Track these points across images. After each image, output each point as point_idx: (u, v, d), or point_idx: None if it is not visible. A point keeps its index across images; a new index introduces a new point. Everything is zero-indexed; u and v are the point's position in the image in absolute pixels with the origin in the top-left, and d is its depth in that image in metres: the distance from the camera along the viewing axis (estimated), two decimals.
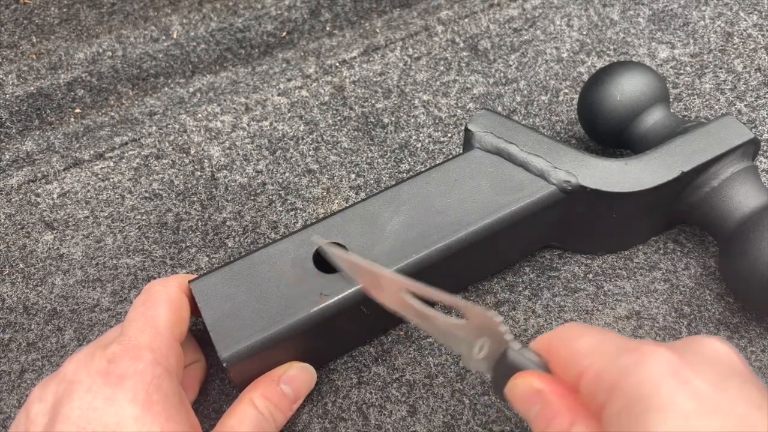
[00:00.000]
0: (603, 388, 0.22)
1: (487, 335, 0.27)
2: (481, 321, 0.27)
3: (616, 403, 0.22)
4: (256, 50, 0.57)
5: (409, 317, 0.29)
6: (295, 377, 0.34)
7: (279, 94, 0.53)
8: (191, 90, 0.54)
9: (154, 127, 0.51)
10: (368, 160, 0.48)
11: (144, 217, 0.46)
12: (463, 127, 0.49)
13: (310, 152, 0.49)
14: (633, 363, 0.22)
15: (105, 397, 0.28)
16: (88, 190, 0.47)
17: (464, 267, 0.38)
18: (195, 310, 0.35)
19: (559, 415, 0.24)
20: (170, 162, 0.49)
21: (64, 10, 0.56)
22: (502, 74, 0.53)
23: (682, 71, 0.51)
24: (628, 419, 0.21)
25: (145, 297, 0.32)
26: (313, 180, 0.47)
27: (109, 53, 0.55)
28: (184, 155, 0.49)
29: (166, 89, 0.55)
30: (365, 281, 0.31)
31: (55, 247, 0.44)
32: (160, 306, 0.32)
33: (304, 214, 0.45)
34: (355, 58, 0.55)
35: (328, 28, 0.59)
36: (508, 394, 0.26)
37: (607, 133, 0.43)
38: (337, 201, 0.46)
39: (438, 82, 0.53)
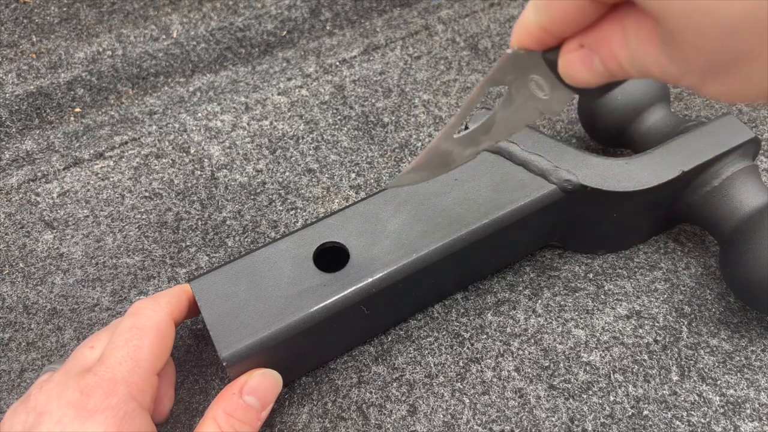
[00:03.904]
0: None
1: (518, 74, 0.25)
2: (503, 69, 0.25)
3: None
4: (257, 49, 0.57)
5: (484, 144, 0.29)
6: (258, 386, 0.32)
7: (279, 94, 0.53)
8: (191, 89, 0.54)
9: (154, 127, 0.51)
10: (368, 160, 0.48)
11: (144, 217, 0.46)
12: (463, 127, 0.49)
13: (310, 151, 0.49)
14: None
15: (74, 431, 0.27)
16: (88, 190, 0.47)
17: (464, 266, 0.38)
18: (195, 310, 0.35)
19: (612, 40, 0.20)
20: (170, 161, 0.49)
21: (64, 9, 0.56)
22: None
23: None
24: None
25: (132, 322, 0.31)
26: (313, 179, 0.47)
27: (109, 52, 0.55)
28: (184, 154, 0.49)
29: (166, 88, 0.55)
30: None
31: (55, 247, 0.44)
32: (146, 336, 0.31)
33: (304, 214, 0.45)
34: (355, 57, 0.55)
35: (328, 28, 0.59)
36: (567, 75, 0.23)
37: (608, 132, 0.43)
38: (337, 200, 0.46)
39: (438, 82, 0.53)
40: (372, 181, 0.47)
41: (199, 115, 0.52)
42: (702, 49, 0.16)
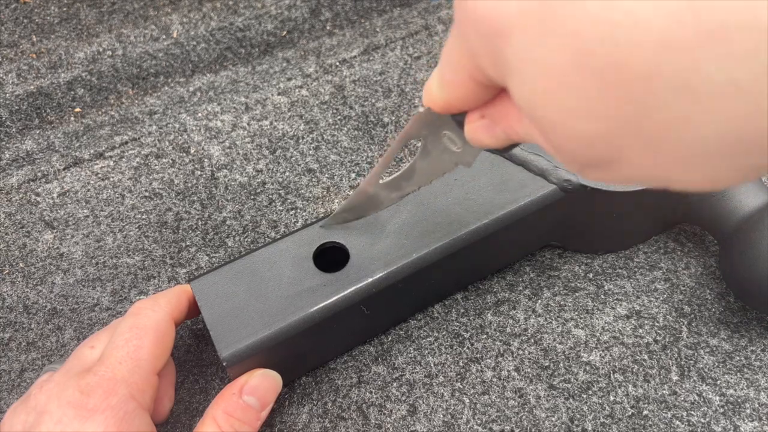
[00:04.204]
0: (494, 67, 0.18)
1: (432, 129, 0.27)
2: (418, 126, 0.27)
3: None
4: (257, 49, 0.57)
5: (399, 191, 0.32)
6: (258, 386, 0.33)
7: (279, 94, 0.53)
8: (191, 89, 0.54)
9: (154, 127, 0.51)
10: (368, 160, 0.48)
11: (144, 217, 0.46)
12: None
13: (311, 151, 0.49)
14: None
15: (74, 431, 0.27)
16: (88, 190, 0.47)
17: (464, 266, 0.38)
18: (195, 310, 0.35)
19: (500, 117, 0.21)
20: (170, 161, 0.49)
21: (64, 9, 0.56)
22: None
23: None
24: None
25: (132, 322, 0.31)
26: (314, 179, 0.47)
27: (109, 52, 0.55)
28: (184, 154, 0.49)
29: (166, 88, 0.55)
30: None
31: (55, 247, 0.44)
32: (146, 336, 0.31)
33: (304, 214, 0.45)
34: (355, 57, 0.55)
35: (328, 28, 0.59)
36: (473, 140, 0.24)
37: None
38: (337, 200, 0.46)
39: None
40: None
41: (199, 115, 0.52)
42: (571, 154, 0.17)
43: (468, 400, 0.36)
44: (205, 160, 0.49)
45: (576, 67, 0.14)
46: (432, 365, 0.38)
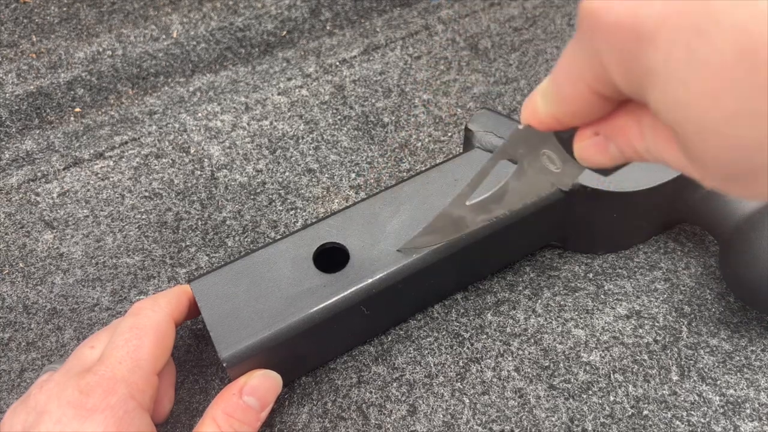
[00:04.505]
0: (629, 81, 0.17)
1: (530, 148, 0.25)
2: (515, 144, 0.25)
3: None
4: (257, 49, 0.57)
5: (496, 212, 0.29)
6: (258, 386, 0.33)
7: (279, 94, 0.53)
8: (191, 89, 0.54)
9: (154, 127, 0.51)
10: (368, 160, 0.48)
11: (144, 217, 0.46)
12: (463, 127, 0.49)
13: (310, 151, 0.49)
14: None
15: (73, 430, 0.27)
16: (88, 190, 0.47)
17: (465, 266, 0.38)
18: (195, 310, 0.35)
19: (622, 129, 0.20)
20: (170, 161, 0.49)
21: (64, 9, 0.56)
22: (502, 73, 0.53)
23: None
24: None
25: (132, 322, 0.31)
26: (313, 179, 0.47)
27: (109, 52, 0.55)
28: (184, 154, 0.49)
29: (166, 88, 0.55)
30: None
31: (55, 247, 0.44)
32: (146, 336, 0.31)
33: (304, 214, 0.45)
34: (355, 57, 0.55)
35: (328, 28, 0.59)
36: (583, 159, 0.23)
37: None
38: (337, 200, 0.46)
39: (438, 81, 0.53)
40: (372, 181, 0.47)
41: (199, 115, 0.52)
42: (719, 164, 0.16)
43: (468, 400, 0.36)
44: (205, 160, 0.49)
45: (742, 67, 0.13)
46: (432, 365, 0.38)
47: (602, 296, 0.40)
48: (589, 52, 0.17)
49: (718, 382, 0.36)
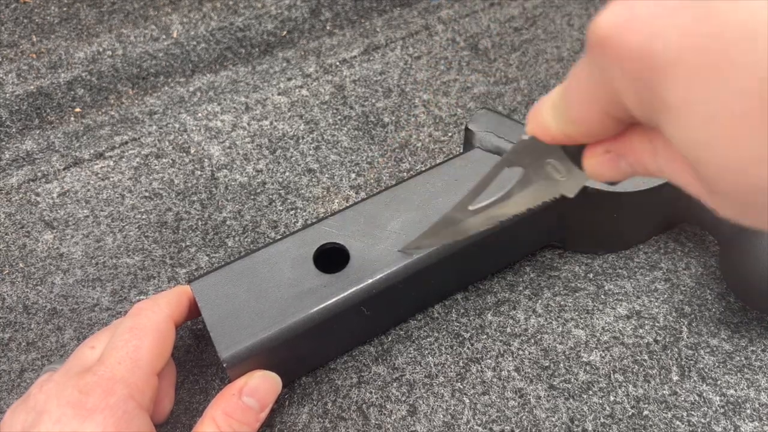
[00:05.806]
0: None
1: (535, 157, 0.25)
2: (520, 153, 0.25)
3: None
4: (257, 49, 0.57)
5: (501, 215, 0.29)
6: (258, 387, 0.33)
7: (279, 94, 0.53)
8: (191, 89, 0.54)
9: (154, 127, 0.51)
10: (368, 160, 0.48)
11: (144, 217, 0.46)
12: (463, 127, 0.49)
13: (311, 151, 0.49)
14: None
15: (72, 430, 0.27)
16: (88, 190, 0.47)
17: (465, 266, 0.38)
18: (195, 310, 0.35)
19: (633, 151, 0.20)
20: (170, 161, 0.49)
21: (64, 9, 0.56)
22: (502, 73, 0.53)
23: None
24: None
25: (132, 322, 0.31)
26: (314, 179, 0.47)
27: (109, 52, 0.55)
28: (184, 154, 0.49)
29: (167, 88, 0.55)
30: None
31: (55, 247, 0.44)
32: (145, 337, 0.31)
33: (304, 214, 0.45)
34: (355, 57, 0.55)
35: (328, 28, 0.59)
36: (593, 174, 0.22)
37: None
38: (337, 200, 0.46)
39: (438, 82, 0.53)
40: (372, 181, 0.47)
41: (199, 115, 0.52)
42: (738, 199, 0.16)
43: (468, 401, 0.36)
44: (205, 160, 0.49)
45: (764, 113, 0.13)
46: (432, 365, 0.38)
47: (602, 296, 0.40)
48: (602, 76, 0.17)
49: (719, 383, 0.36)
